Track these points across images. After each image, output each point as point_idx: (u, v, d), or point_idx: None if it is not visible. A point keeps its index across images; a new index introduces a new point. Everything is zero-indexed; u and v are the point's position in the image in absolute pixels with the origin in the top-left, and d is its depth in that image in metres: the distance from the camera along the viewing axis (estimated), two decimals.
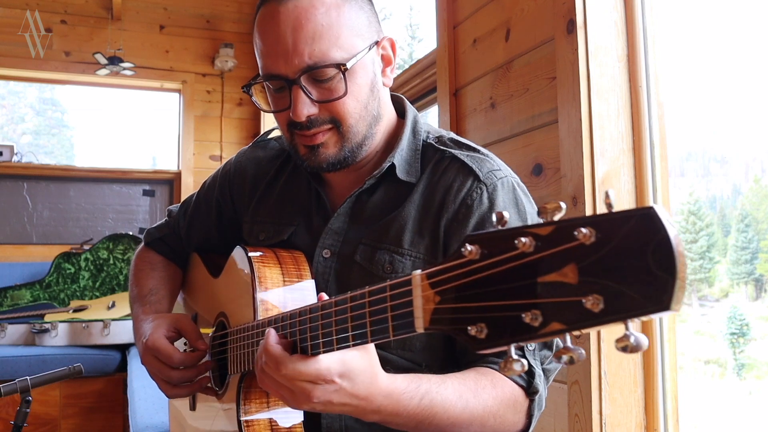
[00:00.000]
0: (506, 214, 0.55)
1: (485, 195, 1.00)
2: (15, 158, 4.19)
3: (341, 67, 0.96)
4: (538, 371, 0.97)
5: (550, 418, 1.60)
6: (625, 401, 1.46)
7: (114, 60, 4.17)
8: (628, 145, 1.54)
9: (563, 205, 0.50)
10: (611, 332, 1.46)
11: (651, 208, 0.45)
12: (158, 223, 1.41)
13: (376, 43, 1.03)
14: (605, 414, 1.44)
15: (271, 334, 0.82)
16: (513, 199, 1.02)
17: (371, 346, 0.79)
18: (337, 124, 1.00)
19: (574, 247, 0.48)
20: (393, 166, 1.06)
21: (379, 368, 0.81)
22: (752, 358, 2.74)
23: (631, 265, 0.45)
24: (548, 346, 1.00)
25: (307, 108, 0.98)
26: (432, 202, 1.03)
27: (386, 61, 1.07)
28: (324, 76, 0.97)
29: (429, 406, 0.84)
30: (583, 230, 0.48)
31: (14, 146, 4.22)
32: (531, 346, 0.97)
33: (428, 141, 1.09)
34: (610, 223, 0.47)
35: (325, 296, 0.81)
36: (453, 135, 1.12)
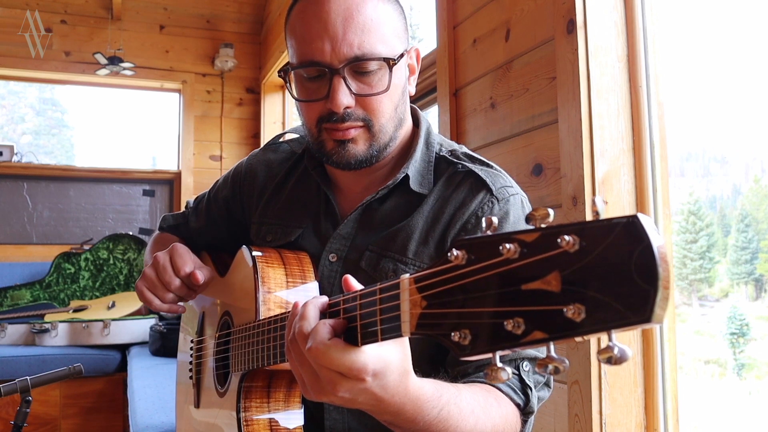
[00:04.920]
0: (495, 220, 0.55)
1: (497, 208, 1.01)
2: (15, 158, 4.19)
3: (390, 62, 0.97)
4: (534, 392, 0.97)
5: (550, 418, 1.60)
6: (625, 401, 1.46)
7: (114, 60, 4.17)
8: (628, 145, 1.54)
9: (551, 211, 0.50)
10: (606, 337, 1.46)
11: (635, 217, 0.44)
12: (176, 212, 1.43)
13: (406, 50, 1.05)
14: (605, 414, 1.44)
15: (323, 306, 0.75)
16: (523, 216, 1.03)
17: (406, 341, 0.73)
18: (369, 122, 1.00)
19: (558, 254, 0.47)
20: (407, 176, 1.06)
21: (411, 367, 0.75)
22: (752, 358, 2.74)
23: (613, 275, 0.44)
24: (540, 372, 0.99)
25: (346, 99, 0.97)
26: (442, 213, 1.03)
27: (411, 70, 1.09)
28: (367, 69, 0.97)
29: (445, 418, 0.80)
30: (567, 238, 0.47)
31: (14, 146, 4.22)
32: (527, 367, 0.96)
33: (441, 154, 1.10)
34: (594, 231, 0.46)
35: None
36: (466, 149, 1.13)
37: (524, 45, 1.77)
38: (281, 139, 1.30)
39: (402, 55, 1.01)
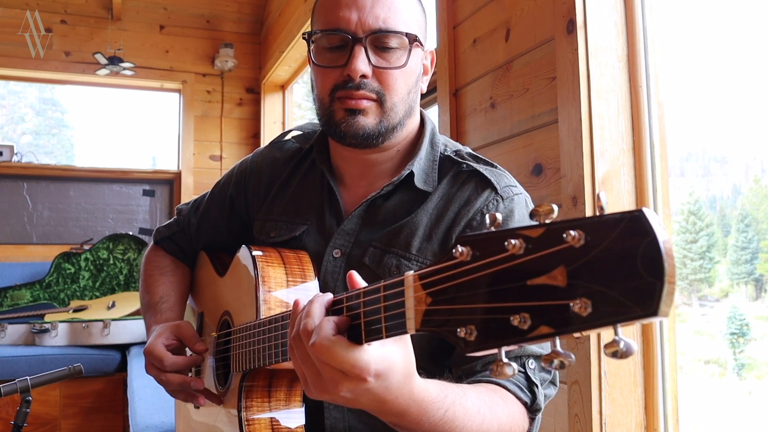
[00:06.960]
0: (499, 216, 0.55)
1: (501, 206, 1.03)
2: (15, 158, 4.20)
3: (411, 38, 1.01)
4: (541, 389, 0.97)
5: (550, 418, 1.60)
6: (625, 401, 1.46)
7: (114, 60, 4.17)
8: (628, 145, 1.54)
9: (555, 207, 0.50)
10: (611, 332, 1.46)
11: (640, 211, 0.44)
12: (167, 221, 1.42)
13: (424, 48, 1.09)
14: (605, 414, 1.44)
15: (329, 302, 0.75)
16: (527, 215, 1.04)
17: (409, 341, 0.73)
18: (382, 97, 1.02)
19: (563, 249, 0.47)
20: (412, 174, 1.07)
21: (414, 369, 0.74)
22: (752, 358, 2.74)
23: (619, 269, 0.44)
24: (546, 370, 0.99)
25: (364, 66, 0.99)
26: (446, 211, 1.04)
27: (425, 70, 1.12)
28: (388, 44, 1.01)
29: (451, 419, 0.80)
30: (572, 233, 0.47)
31: (14, 146, 4.22)
32: (532, 364, 0.97)
33: (446, 153, 1.12)
34: (599, 225, 0.46)
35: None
36: (470, 150, 1.14)
37: (524, 45, 1.77)
38: (286, 137, 1.30)
39: (421, 44, 1.05)
